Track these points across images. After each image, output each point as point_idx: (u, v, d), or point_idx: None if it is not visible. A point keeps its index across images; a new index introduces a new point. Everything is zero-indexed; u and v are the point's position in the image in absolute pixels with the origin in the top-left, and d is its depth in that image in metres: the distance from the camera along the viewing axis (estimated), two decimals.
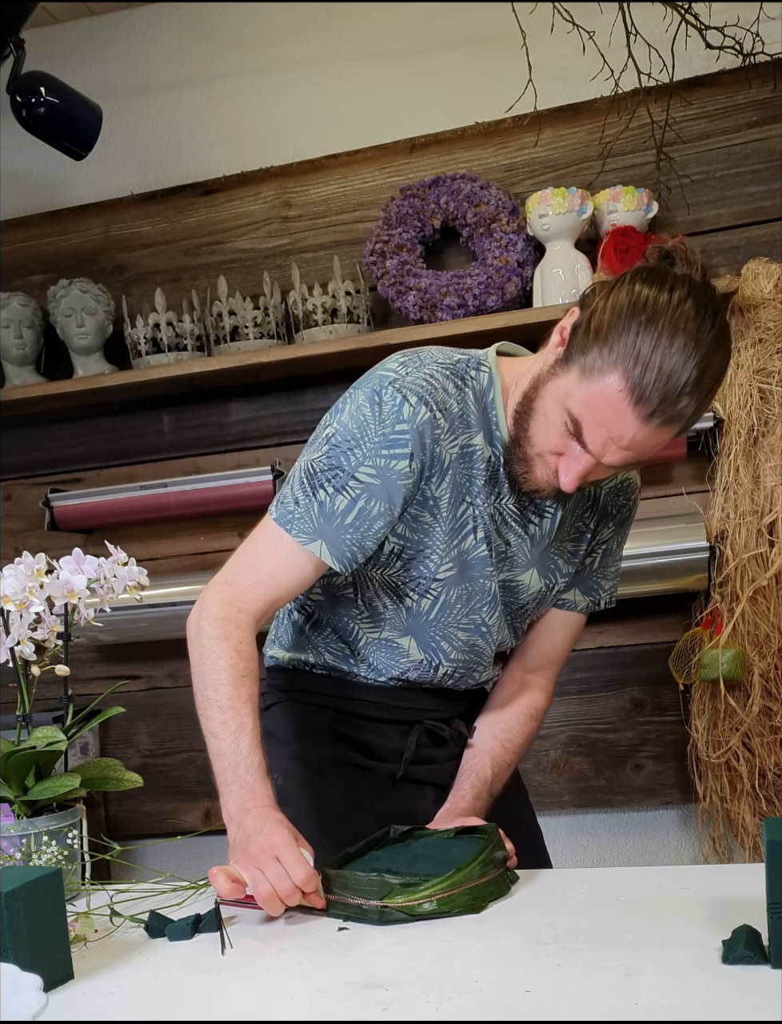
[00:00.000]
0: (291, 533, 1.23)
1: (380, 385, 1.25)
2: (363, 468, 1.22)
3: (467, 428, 1.26)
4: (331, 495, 1.22)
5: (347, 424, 1.24)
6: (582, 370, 1.16)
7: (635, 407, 1.13)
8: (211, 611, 1.26)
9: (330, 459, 1.23)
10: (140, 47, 2.87)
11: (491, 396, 1.29)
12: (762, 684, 2.33)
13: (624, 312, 1.14)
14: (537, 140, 2.56)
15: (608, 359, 1.14)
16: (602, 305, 1.17)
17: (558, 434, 1.20)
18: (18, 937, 0.90)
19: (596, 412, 1.16)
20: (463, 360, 1.30)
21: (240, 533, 2.76)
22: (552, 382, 1.20)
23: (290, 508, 1.24)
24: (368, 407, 1.24)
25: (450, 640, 1.36)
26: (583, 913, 1.06)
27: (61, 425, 2.87)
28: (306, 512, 1.23)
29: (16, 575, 1.23)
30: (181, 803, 2.82)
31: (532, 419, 1.23)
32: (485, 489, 1.29)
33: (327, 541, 1.23)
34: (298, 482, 1.25)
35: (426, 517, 1.27)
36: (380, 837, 1.24)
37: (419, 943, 1.01)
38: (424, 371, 1.25)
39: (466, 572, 1.32)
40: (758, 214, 2.51)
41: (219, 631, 1.24)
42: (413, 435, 1.21)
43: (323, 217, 2.74)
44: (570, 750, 2.63)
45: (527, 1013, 0.83)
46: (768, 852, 0.86)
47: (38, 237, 2.91)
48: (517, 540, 1.35)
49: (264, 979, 0.95)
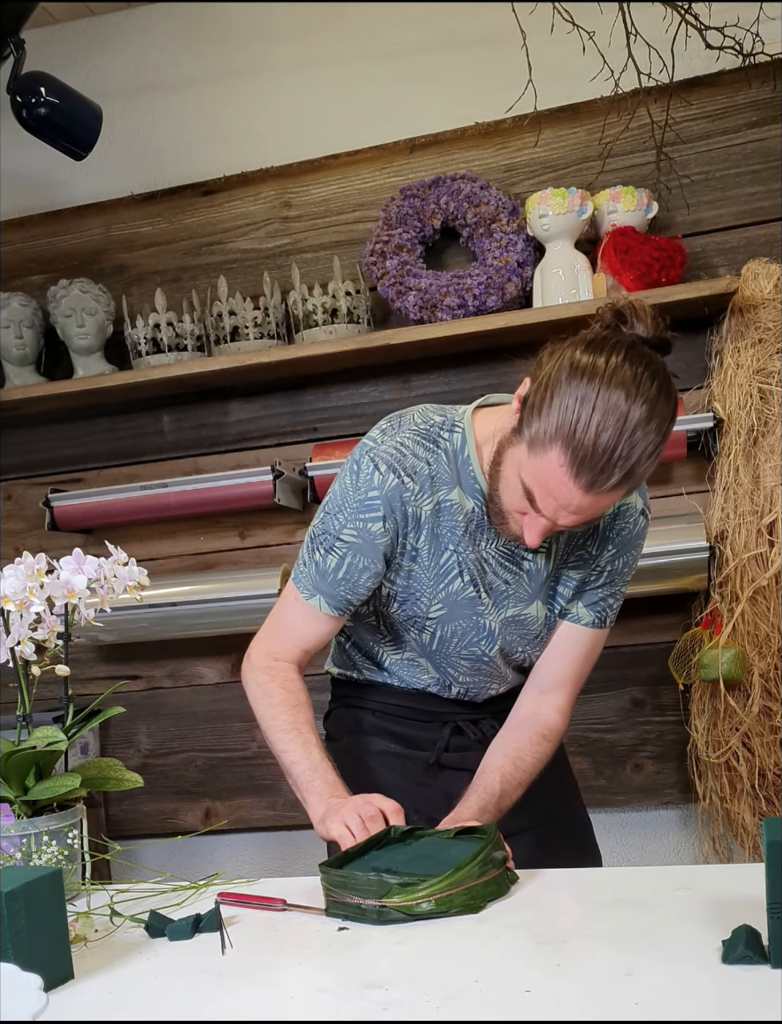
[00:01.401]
0: (298, 589, 1.44)
1: (360, 454, 1.40)
2: (346, 530, 1.38)
3: (440, 485, 1.38)
4: (323, 556, 1.41)
5: (336, 491, 1.41)
6: (529, 443, 1.23)
7: (576, 480, 1.20)
8: (256, 663, 1.48)
9: (323, 524, 1.41)
10: (140, 47, 2.87)
11: (466, 454, 1.39)
12: (762, 684, 2.33)
13: (561, 386, 1.19)
14: (537, 140, 2.56)
15: (548, 433, 1.20)
16: (545, 377, 1.22)
17: (519, 497, 1.29)
18: (18, 937, 0.90)
19: (543, 484, 1.23)
20: (437, 424, 1.41)
21: (240, 533, 2.76)
22: (510, 450, 1.29)
23: (301, 569, 1.44)
24: (348, 477, 1.39)
25: (455, 667, 1.50)
26: (583, 913, 1.06)
27: (61, 425, 2.87)
28: (307, 572, 1.43)
29: (16, 575, 1.23)
30: (181, 803, 2.82)
31: (499, 482, 1.32)
32: (465, 538, 1.41)
33: (324, 595, 1.42)
34: (305, 546, 1.45)
35: (411, 566, 1.42)
36: (381, 837, 1.24)
37: (419, 943, 1.01)
38: (397, 439, 1.38)
39: (457, 611, 1.44)
40: (758, 214, 2.51)
41: (265, 676, 1.46)
42: (383, 500, 1.36)
43: (323, 217, 2.74)
44: (570, 750, 2.61)
45: (527, 1013, 0.83)
46: (768, 852, 0.86)
47: (38, 237, 2.91)
48: (513, 578, 1.45)
49: (264, 979, 0.95)
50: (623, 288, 2.38)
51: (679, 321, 2.48)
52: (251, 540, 2.76)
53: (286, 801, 2.74)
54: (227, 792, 2.79)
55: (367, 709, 1.59)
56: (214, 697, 2.80)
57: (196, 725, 2.82)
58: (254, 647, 1.50)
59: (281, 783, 2.76)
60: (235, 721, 2.76)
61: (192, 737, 2.82)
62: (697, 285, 2.34)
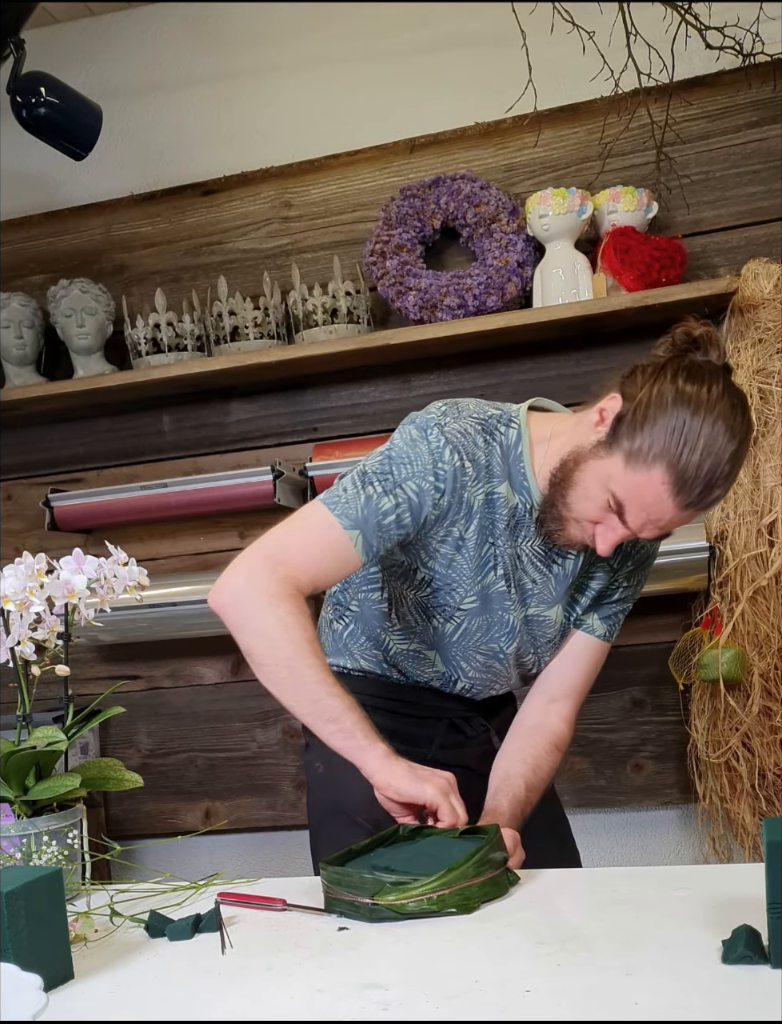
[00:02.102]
0: (334, 513, 1.32)
1: (427, 425, 1.37)
2: (409, 483, 1.34)
3: (492, 477, 1.39)
4: (379, 494, 1.33)
5: (401, 447, 1.37)
6: (627, 458, 1.28)
7: (676, 497, 1.27)
8: (276, 589, 1.29)
9: (383, 466, 1.36)
10: (140, 47, 2.87)
11: (519, 450, 1.41)
12: (762, 684, 2.33)
13: (667, 409, 1.26)
14: (537, 140, 2.56)
15: (652, 452, 1.26)
16: (646, 398, 1.28)
17: (597, 507, 1.33)
18: (18, 937, 0.90)
19: (639, 498, 1.29)
20: (495, 416, 1.42)
21: (240, 533, 2.76)
22: (594, 461, 1.32)
23: (338, 494, 1.35)
24: (419, 441, 1.36)
25: (469, 661, 1.48)
26: (583, 913, 1.06)
27: (61, 425, 2.87)
28: (353, 500, 1.33)
29: (16, 575, 1.23)
30: (181, 803, 2.82)
31: (571, 489, 1.35)
32: (506, 532, 1.41)
33: (363, 533, 1.32)
34: (350, 480, 1.36)
35: (455, 555, 1.40)
36: (389, 835, 1.25)
37: (419, 943, 1.01)
38: (461, 423, 1.38)
39: (488, 605, 1.44)
40: (758, 214, 2.51)
41: (293, 607, 1.28)
42: (448, 476, 1.35)
43: (323, 217, 2.74)
44: (570, 750, 2.61)
45: (527, 1013, 0.83)
46: (768, 852, 0.86)
47: (38, 237, 2.91)
48: (542, 578, 1.47)
49: (264, 979, 0.95)
50: (623, 288, 2.38)
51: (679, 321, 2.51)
52: (251, 540, 2.69)
53: (286, 801, 2.74)
54: (227, 792, 2.79)
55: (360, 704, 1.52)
56: (214, 697, 2.80)
57: (196, 725, 2.82)
58: (267, 569, 1.31)
59: (281, 783, 2.77)
60: (235, 721, 2.76)
61: (192, 737, 2.82)
62: (697, 285, 2.34)
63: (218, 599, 1.32)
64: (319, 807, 1.55)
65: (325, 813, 1.52)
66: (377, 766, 1.26)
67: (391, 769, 1.25)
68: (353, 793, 1.41)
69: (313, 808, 1.58)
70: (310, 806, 1.59)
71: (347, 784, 1.40)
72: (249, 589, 1.30)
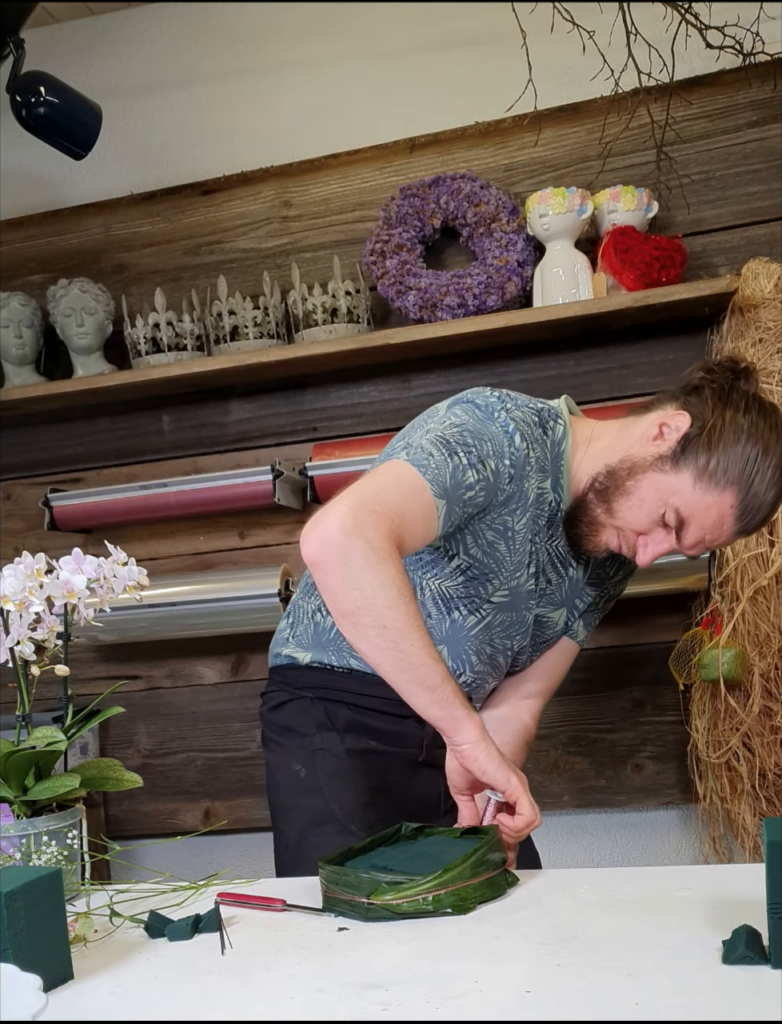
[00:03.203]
0: (426, 478, 1.21)
1: (493, 408, 1.33)
2: (490, 460, 1.29)
3: (542, 472, 1.38)
4: (464, 466, 1.25)
5: (471, 423, 1.31)
6: (698, 477, 1.31)
7: (738, 522, 1.33)
8: (380, 543, 1.16)
9: (464, 437, 1.27)
10: (140, 47, 2.87)
11: (563, 447, 1.40)
12: (762, 684, 2.33)
13: (743, 437, 1.31)
14: (537, 140, 2.56)
15: (728, 476, 1.30)
16: (720, 423, 1.32)
17: (649, 519, 1.35)
18: (18, 937, 0.90)
19: (702, 517, 1.32)
20: (545, 410, 1.41)
21: (240, 533, 2.76)
22: (655, 474, 1.34)
23: (424, 458, 1.23)
24: (489, 421, 1.32)
25: (479, 655, 1.46)
26: (583, 913, 1.06)
27: (61, 425, 2.87)
28: (442, 467, 1.23)
29: (16, 575, 1.22)
30: (181, 803, 2.82)
31: (622, 498, 1.36)
32: (544, 530, 1.41)
33: (448, 503, 1.23)
34: (431, 443, 1.25)
35: (502, 546, 1.37)
36: (391, 834, 1.25)
37: (419, 943, 1.01)
38: (522, 412, 1.36)
39: (515, 602, 1.43)
40: (758, 214, 2.51)
41: (399, 566, 1.17)
42: (519, 461, 1.33)
43: (323, 217, 2.74)
44: (570, 750, 2.63)
45: (527, 1013, 0.82)
46: (768, 852, 0.86)
47: (38, 237, 2.90)
48: (558, 580, 1.48)
49: (264, 979, 0.95)
50: (623, 288, 2.38)
51: (679, 321, 2.51)
52: (251, 540, 2.76)
53: None
54: (227, 792, 2.79)
55: (342, 703, 1.47)
56: (214, 697, 2.80)
57: (196, 725, 2.82)
58: (373, 520, 1.16)
59: None
60: (235, 721, 2.76)
61: (192, 737, 2.82)
62: (697, 285, 2.34)
63: (319, 548, 1.16)
64: (303, 813, 1.46)
65: (312, 820, 1.45)
66: (472, 738, 1.20)
67: (484, 747, 1.20)
68: (346, 800, 1.40)
69: (292, 813, 1.48)
70: (287, 810, 1.49)
71: (339, 790, 1.39)
72: (359, 540, 1.15)
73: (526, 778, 1.24)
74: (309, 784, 1.45)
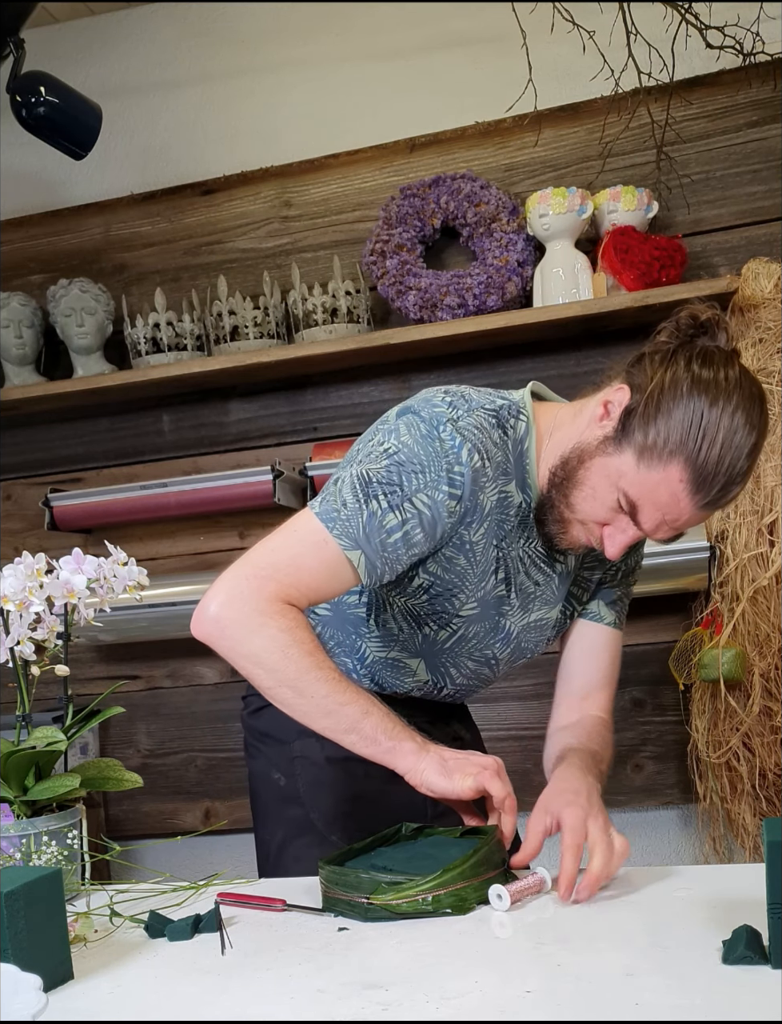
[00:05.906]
0: (333, 533, 1.18)
1: (438, 421, 1.23)
2: (421, 495, 1.20)
3: (504, 476, 1.28)
4: (384, 510, 1.19)
5: (412, 447, 1.22)
6: (640, 454, 1.18)
7: (694, 496, 1.17)
8: (260, 607, 1.16)
9: (390, 474, 1.21)
10: (140, 47, 2.87)
11: (526, 445, 1.29)
12: (762, 684, 2.33)
13: (682, 400, 1.15)
14: (537, 140, 2.56)
15: (668, 446, 1.16)
16: (658, 388, 1.17)
17: (606, 508, 1.23)
18: (18, 937, 0.90)
19: (654, 497, 1.18)
20: (504, 406, 1.29)
21: (240, 533, 2.76)
22: (601, 459, 1.22)
23: (337, 508, 1.19)
24: (431, 440, 1.22)
25: (459, 668, 1.39)
26: (583, 913, 1.06)
27: (61, 425, 2.87)
28: (354, 517, 1.19)
29: (16, 575, 1.22)
30: (181, 803, 2.82)
31: (576, 489, 1.25)
32: (513, 534, 1.31)
33: (366, 554, 1.19)
34: (349, 487, 1.21)
35: (461, 560, 1.28)
36: (391, 834, 1.25)
37: (419, 943, 1.01)
38: (475, 417, 1.25)
39: (486, 611, 1.34)
40: (758, 214, 2.51)
41: (290, 622, 1.16)
42: (467, 479, 1.22)
43: (323, 217, 2.74)
44: None
45: (527, 1013, 0.82)
46: (768, 852, 0.85)
47: (38, 237, 2.91)
48: (545, 579, 1.37)
49: (264, 979, 0.95)
50: (623, 288, 2.38)
51: None
52: (251, 540, 2.74)
53: None
54: (227, 792, 2.79)
55: None
56: (214, 697, 2.80)
57: (196, 725, 2.82)
58: (254, 586, 1.17)
59: None
60: (235, 721, 2.74)
61: (192, 737, 2.82)
62: (697, 285, 2.34)
63: (201, 629, 1.20)
64: (283, 822, 1.44)
65: (292, 831, 1.42)
66: (407, 767, 1.17)
67: (421, 768, 1.17)
68: (326, 810, 1.37)
69: (272, 820, 1.46)
70: (267, 819, 1.47)
71: (317, 800, 1.36)
72: (232, 612, 1.17)
73: (492, 759, 1.19)
74: (288, 793, 1.41)
